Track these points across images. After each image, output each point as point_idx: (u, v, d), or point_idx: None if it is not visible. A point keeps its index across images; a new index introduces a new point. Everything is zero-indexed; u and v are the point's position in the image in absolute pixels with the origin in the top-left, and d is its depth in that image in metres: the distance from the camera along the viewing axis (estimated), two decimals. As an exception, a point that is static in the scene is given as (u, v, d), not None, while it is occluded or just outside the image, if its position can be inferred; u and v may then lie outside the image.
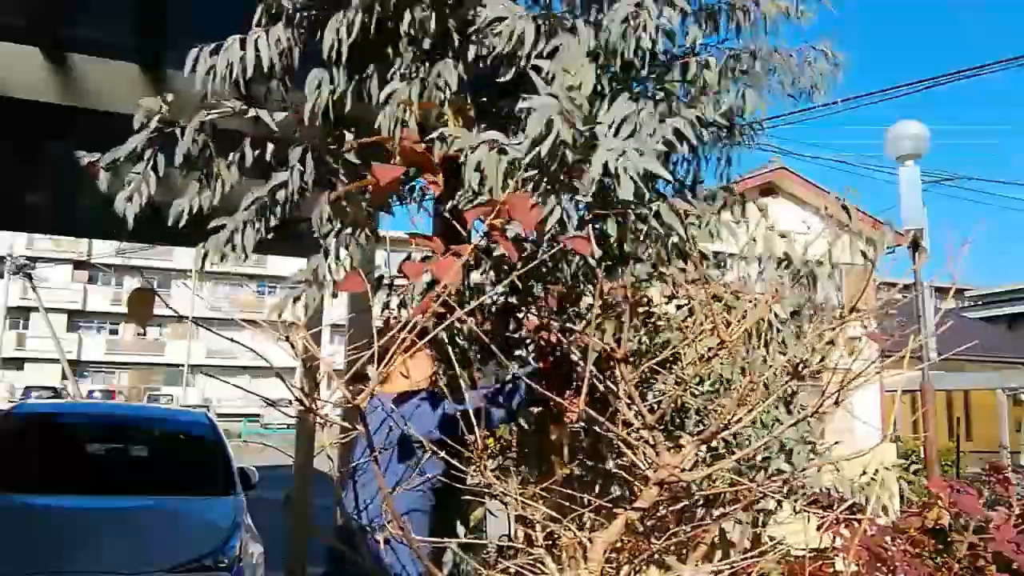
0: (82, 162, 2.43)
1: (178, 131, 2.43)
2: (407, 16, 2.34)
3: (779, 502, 2.99)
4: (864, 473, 3.44)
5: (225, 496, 4.98)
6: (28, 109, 3.52)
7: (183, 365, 41.39)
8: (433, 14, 2.34)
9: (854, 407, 2.99)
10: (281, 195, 2.53)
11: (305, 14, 2.46)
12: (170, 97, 2.44)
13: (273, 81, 2.48)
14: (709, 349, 2.00)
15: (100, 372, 41.94)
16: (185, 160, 2.47)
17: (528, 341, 2.86)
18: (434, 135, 2.18)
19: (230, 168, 2.53)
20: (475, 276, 2.88)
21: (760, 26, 2.52)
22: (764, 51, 2.54)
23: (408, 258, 2.43)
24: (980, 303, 33.86)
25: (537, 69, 2.06)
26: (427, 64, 2.41)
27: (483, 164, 1.96)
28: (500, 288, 2.63)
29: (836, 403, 2.01)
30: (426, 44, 2.43)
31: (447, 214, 2.52)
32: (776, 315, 2.63)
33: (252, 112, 2.44)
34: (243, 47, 2.36)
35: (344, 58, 2.39)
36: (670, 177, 2.52)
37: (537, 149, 1.89)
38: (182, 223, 2.48)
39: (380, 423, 2.55)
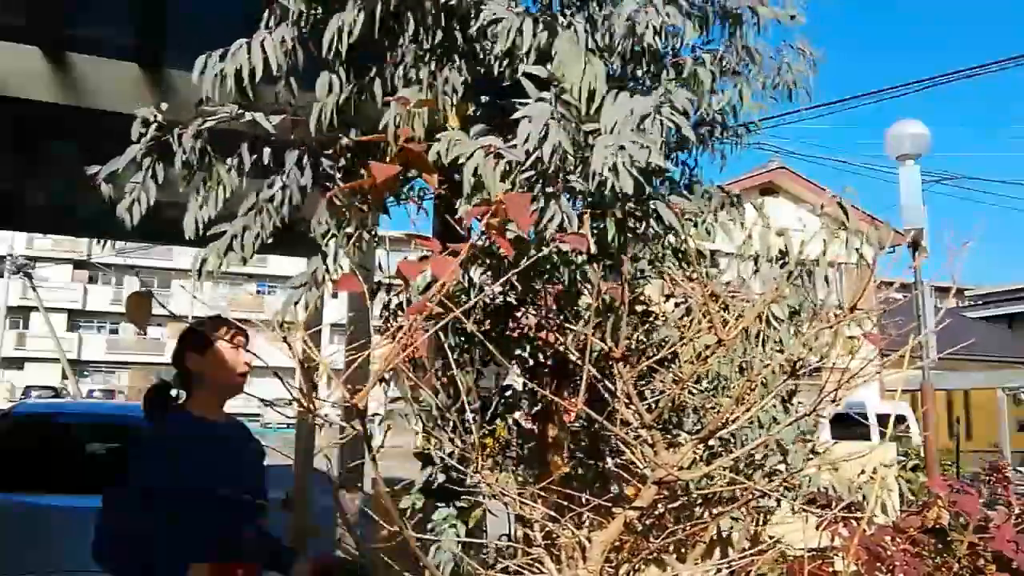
0: (87, 171, 2.42)
1: (175, 138, 2.42)
2: (409, 17, 2.33)
3: (778, 501, 2.99)
4: (862, 472, 3.45)
5: (225, 496, 4.98)
6: (28, 109, 3.52)
7: (183, 365, 41.25)
8: (434, 14, 2.34)
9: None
10: (280, 197, 2.53)
11: (307, 14, 2.45)
12: (163, 106, 2.44)
13: (280, 83, 2.48)
14: (707, 347, 2.00)
15: (100, 372, 41.94)
16: (184, 166, 2.46)
17: (526, 340, 2.87)
18: (436, 141, 2.17)
19: (230, 172, 2.53)
20: (473, 275, 2.88)
21: (751, 28, 2.52)
22: (753, 50, 2.54)
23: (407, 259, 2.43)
24: (980, 303, 33.81)
25: (532, 77, 2.06)
26: (431, 64, 2.40)
27: (480, 170, 1.96)
28: (498, 287, 2.63)
29: (834, 402, 2.01)
30: (427, 45, 2.42)
31: (446, 214, 2.52)
32: (774, 314, 2.64)
33: (248, 116, 2.44)
34: (249, 51, 2.36)
35: (346, 58, 2.38)
36: (672, 167, 2.51)
37: (535, 155, 1.89)
38: (195, 236, 2.48)
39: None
